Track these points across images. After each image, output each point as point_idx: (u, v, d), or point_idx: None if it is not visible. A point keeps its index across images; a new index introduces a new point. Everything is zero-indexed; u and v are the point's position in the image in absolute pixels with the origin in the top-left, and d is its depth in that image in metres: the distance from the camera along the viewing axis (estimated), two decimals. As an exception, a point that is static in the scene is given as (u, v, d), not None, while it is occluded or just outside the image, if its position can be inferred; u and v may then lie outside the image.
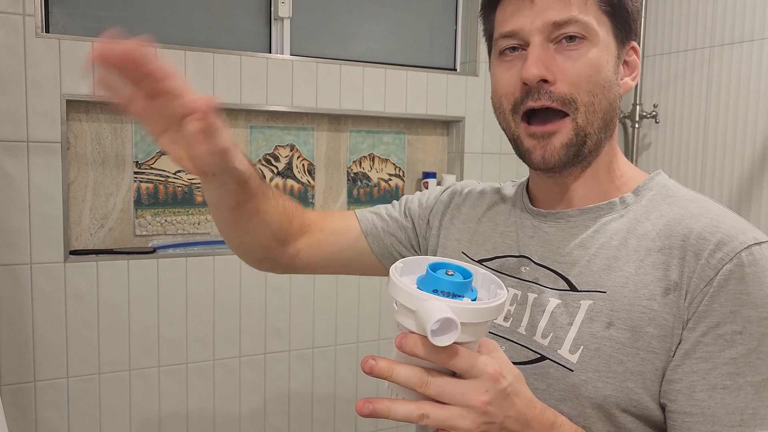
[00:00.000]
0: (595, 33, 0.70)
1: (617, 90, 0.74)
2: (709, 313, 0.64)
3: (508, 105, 0.73)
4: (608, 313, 0.68)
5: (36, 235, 1.63)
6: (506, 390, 0.54)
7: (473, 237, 0.87)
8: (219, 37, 1.92)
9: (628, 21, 0.73)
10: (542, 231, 0.78)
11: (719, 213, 0.70)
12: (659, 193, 0.75)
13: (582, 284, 0.71)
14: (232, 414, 1.89)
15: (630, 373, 0.66)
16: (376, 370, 0.54)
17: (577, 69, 0.69)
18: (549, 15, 0.69)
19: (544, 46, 0.70)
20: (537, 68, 0.69)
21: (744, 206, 1.92)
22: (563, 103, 0.70)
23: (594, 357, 0.67)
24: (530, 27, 0.70)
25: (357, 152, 2.11)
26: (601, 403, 0.67)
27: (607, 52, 0.71)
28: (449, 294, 0.52)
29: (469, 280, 0.54)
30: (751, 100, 1.89)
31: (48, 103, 1.62)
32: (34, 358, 1.65)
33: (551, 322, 0.72)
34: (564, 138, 0.71)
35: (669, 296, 0.66)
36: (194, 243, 1.86)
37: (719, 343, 0.63)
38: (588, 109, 0.70)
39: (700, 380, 0.64)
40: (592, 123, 0.71)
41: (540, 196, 0.81)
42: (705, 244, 0.66)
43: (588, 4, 0.70)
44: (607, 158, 0.76)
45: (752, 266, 0.64)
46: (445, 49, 2.26)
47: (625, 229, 0.72)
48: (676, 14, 2.12)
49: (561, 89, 0.70)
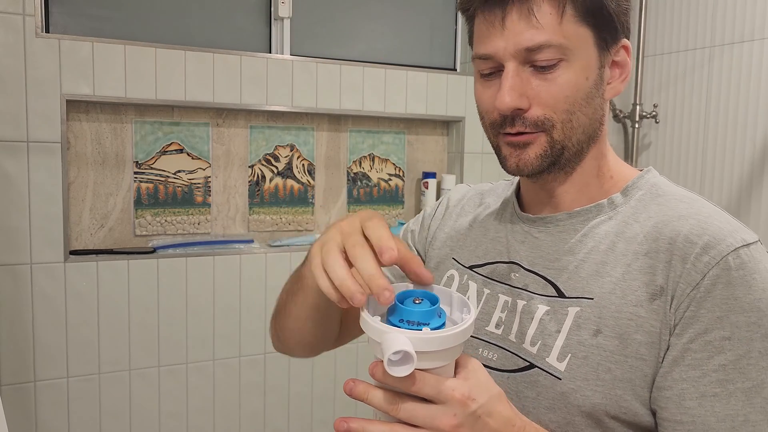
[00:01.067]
0: (572, 52, 0.67)
1: (600, 100, 0.72)
2: (697, 318, 0.63)
3: (488, 120, 0.74)
4: (596, 320, 0.67)
5: (36, 235, 1.63)
6: (476, 412, 0.55)
7: (464, 243, 0.86)
8: (219, 37, 1.93)
9: (612, 24, 0.70)
10: (532, 236, 0.77)
11: (708, 214, 0.68)
12: (648, 192, 0.74)
13: (570, 290, 0.70)
14: (232, 414, 1.89)
15: (618, 381, 0.65)
16: (355, 392, 0.57)
17: (553, 92, 0.68)
18: (521, 40, 0.67)
19: (518, 71, 0.68)
20: (510, 98, 0.68)
21: (744, 206, 1.92)
22: (537, 126, 0.69)
23: (582, 365, 0.67)
24: (503, 52, 0.68)
25: (357, 152, 2.11)
26: (590, 411, 0.66)
27: (586, 67, 0.69)
28: (414, 323, 0.54)
29: (435, 307, 0.56)
30: (751, 100, 1.89)
31: (48, 103, 1.62)
32: (34, 358, 1.65)
33: (540, 330, 0.71)
34: (538, 150, 0.70)
35: (655, 302, 0.65)
36: (194, 243, 1.86)
37: (708, 349, 0.62)
38: (565, 125, 0.70)
39: (690, 388, 0.63)
40: (570, 137, 0.70)
41: (529, 200, 0.81)
42: (691, 248, 0.64)
43: (563, 22, 0.67)
44: (594, 161, 0.75)
45: (739, 270, 0.62)
46: (445, 49, 2.26)
47: (613, 232, 0.71)
48: (676, 14, 2.12)
49: (535, 114, 0.69)
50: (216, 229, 1.93)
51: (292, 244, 1.97)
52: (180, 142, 1.86)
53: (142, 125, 1.81)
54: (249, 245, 1.92)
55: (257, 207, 1.98)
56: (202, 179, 1.90)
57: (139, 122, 1.81)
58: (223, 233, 1.94)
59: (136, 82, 1.71)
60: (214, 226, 1.93)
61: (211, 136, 1.90)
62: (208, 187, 1.91)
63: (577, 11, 0.67)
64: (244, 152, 1.95)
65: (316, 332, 0.80)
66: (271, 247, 1.94)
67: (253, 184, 1.97)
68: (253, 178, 1.97)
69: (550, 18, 0.66)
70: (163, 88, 1.74)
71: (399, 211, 2.20)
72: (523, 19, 0.66)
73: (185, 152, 1.87)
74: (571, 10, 0.67)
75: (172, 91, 1.76)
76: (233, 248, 1.89)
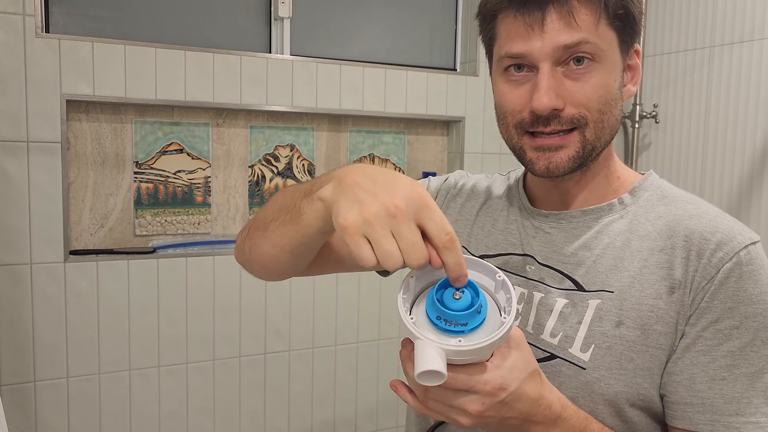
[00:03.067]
0: (604, 53, 0.70)
1: (621, 102, 0.75)
2: (710, 309, 0.67)
3: (513, 120, 0.74)
4: (617, 312, 0.70)
5: (36, 235, 1.63)
6: (504, 400, 0.58)
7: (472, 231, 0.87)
8: (219, 37, 1.93)
9: (634, 28, 0.72)
10: (544, 232, 0.79)
11: (716, 214, 0.73)
12: (654, 194, 0.77)
13: (589, 284, 0.73)
14: (232, 414, 1.89)
15: (640, 369, 0.69)
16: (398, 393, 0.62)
17: (587, 92, 0.70)
18: (560, 38, 0.68)
19: (553, 72, 0.69)
20: (548, 99, 0.68)
21: (744, 206, 1.92)
22: (573, 122, 0.71)
23: (606, 355, 0.70)
24: (539, 52, 0.69)
25: (357, 152, 2.11)
26: (612, 399, 0.69)
27: (614, 69, 0.72)
28: (452, 323, 0.54)
29: (475, 306, 0.55)
30: (751, 100, 1.89)
31: (48, 103, 1.62)
32: (34, 358, 1.65)
33: (560, 322, 0.73)
34: (571, 152, 0.72)
35: (674, 294, 0.69)
36: (194, 243, 1.86)
37: (718, 337, 0.67)
38: (597, 125, 0.71)
39: (700, 372, 0.67)
40: (600, 137, 0.72)
41: (541, 197, 0.82)
42: (706, 244, 0.69)
43: (599, 25, 0.69)
44: (604, 161, 0.78)
45: (749, 265, 0.68)
46: (445, 49, 2.26)
47: (627, 230, 0.74)
48: (676, 14, 2.12)
49: (570, 112, 0.70)
50: (216, 229, 1.93)
51: (292, 244, 1.96)
52: (180, 142, 1.86)
53: (142, 125, 1.81)
54: (249, 245, 1.91)
55: (257, 207, 1.98)
56: (202, 179, 1.90)
57: (139, 122, 1.81)
58: (223, 233, 1.94)
59: (136, 82, 1.71)
60: (214, 226, 1.93)
61: (211, 136, 1.90)
62: (208, 187, 1.91)
63: (609, 15, 0.69)
64: (244, 152, 1.95)
65: (290, 263, 0.76)
66: (271, 247, 1.93)
67: (253, 184, 1.97)
68: (253, 178, 1.97)
69: (587, 20, 0.68)
70: (163, 88, 1.74)
71: (399, 211, 2.20)
72: (563, 20, 0.68)
73: (185, 152, 1.87)
74: (605, 14, 0.69)
75: (172, 91, 1.76)
76: (233, 248, 1.88)
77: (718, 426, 0.66)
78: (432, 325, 0.55)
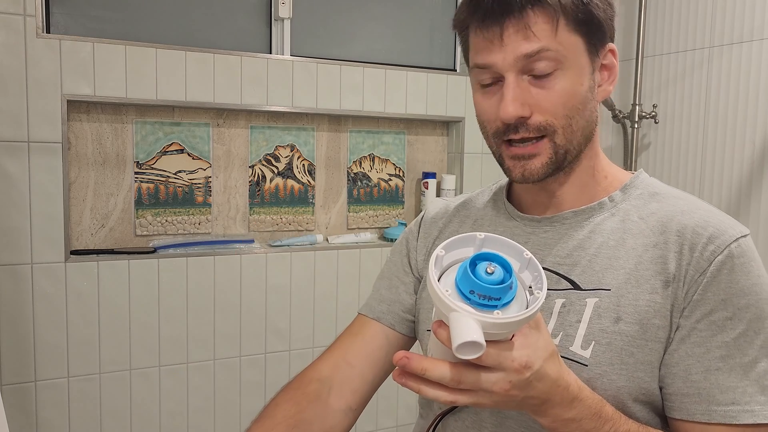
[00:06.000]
0: (567, 59, 0.71)
1: (594, 103, 0.76)
2: (703, 301, 0.69)
3: (491, 130, 0.76)
4: (615, 308, 0.72)
5: (37, 235, 1.63)
6: (529, 379, 0.58)
7: None
8: (219, 38, 1.93)
9: (601, 30, 0.74)
10: (536, 236, 0.80)
11: (707, 209, 0.75)
12: (645, 191, 0.79)
13: (585, 283, 0.74)
14: (233, 414, 1.90)
15: (640, 363, 0.70)
16: (410, 367, 0.58)
17: (552, 99, 0.72)
18: (520, 49, 0.70)
19: (518, 81, 0.72)
20: (513, 108, 0.71)
21: (743, 206, 1.92)
22: (540, 130, 0.73)
23: (606, 351, 0.71)
24: (502, 63, 0.71)
25: (357, 152, 2.11)
26: (615, 395, 0.70)
27: (580, 74, 0.73)
28: (485, 297, 0.54)
29: (509, 282, 0.55)
30: (750, 100, 1.90)
31: (49, 104, 1.62)
32: (34, 357, 1.65)
33: (559, 322, 0.74)
34: (544, 159, 0.74)
35: (669, 288, 0.71)
36: (195, 243, 1.86)
37: (712, 328, 0.69)
38: (566, 131, 0.74)
39: (695, 363, 0.69)
40: (571, 141, 0.75)
41: (528, 203, 0.84)
42: (698, 238, 0.71)
43: (558, 32, 0.70)
44: (589, 162, 0.80)
45: (740, 257, 0.70)
46: (445, 49, 2.27)
47: (620, 228, 0.76)
48: (675, 14, 2.12)
49: (537, 120, 0.72)
50: (216, 229, 1.94)
51: (293, 244, 1.97)
52: (180, 142, 1.86)
53: (143, 125, 1.81)
54: (249, 245, 1.92)
55: (257, 207, 1.98)
56: (203, 179, 1.90)
57: (139, 122, 1.81)
58: (224, 233, 1.95)
59: (137, 82, 1.72)
60: (215, 226, 1.93)
61: (212, 137, 1.90)
62: (209, 187, 1.91)
63: (569, 21, 0.71)
64: (245, 152, 1.95)
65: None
66: (271, 247, 1.94)
67: (253, 184, 1.97)
68: (254, 178, 1.97)
69: (545, 29, 0.70)
70: (163, 88, 1.75)
71: (399, 211, 2.20)
72: (521, 32, 0.70)
73: (186, 152, 1.87)
74: (563, 21, 0.71)
75: (173, 92, 1.76)
76: (233, 248, 1.89)
77: (714, 415, 0.68)
78: (464, 298, 0.55)
